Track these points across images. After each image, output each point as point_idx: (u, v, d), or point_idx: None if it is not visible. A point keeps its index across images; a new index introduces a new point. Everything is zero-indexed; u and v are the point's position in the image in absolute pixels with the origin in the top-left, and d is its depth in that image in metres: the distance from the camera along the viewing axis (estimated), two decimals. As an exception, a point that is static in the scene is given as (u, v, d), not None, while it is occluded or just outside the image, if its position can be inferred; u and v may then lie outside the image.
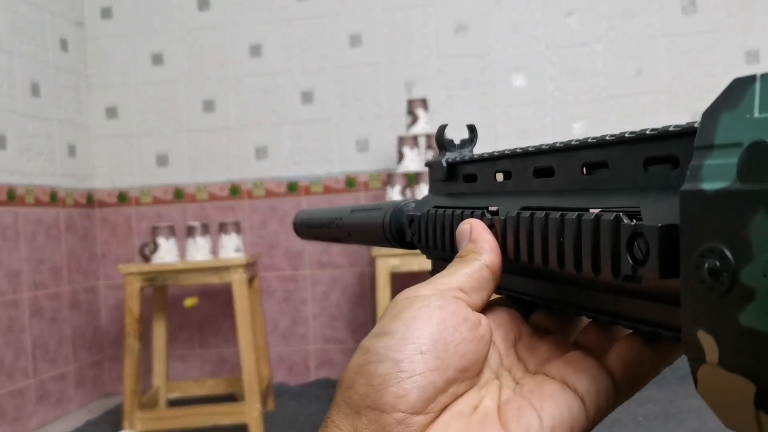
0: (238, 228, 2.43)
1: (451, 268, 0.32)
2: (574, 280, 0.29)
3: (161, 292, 2.62)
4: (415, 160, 2.59)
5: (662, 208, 0.23)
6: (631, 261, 0.24)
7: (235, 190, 2.97)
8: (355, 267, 2.93)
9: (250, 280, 2.51)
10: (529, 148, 0.32)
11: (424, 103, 2.65)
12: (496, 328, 0.33)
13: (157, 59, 3.00)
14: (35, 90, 2.65)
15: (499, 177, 0.36)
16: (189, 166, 3.00)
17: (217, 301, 2.97)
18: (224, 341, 2.98)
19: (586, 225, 0.26)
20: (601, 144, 0.28)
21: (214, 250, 2.60)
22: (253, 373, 2.28)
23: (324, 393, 2.78)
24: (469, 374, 0.29)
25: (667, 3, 2.76)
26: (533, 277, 0.33)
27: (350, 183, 2.92)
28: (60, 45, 2.83)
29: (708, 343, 0.20)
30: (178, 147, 3.00)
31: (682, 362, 0.28)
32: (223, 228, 2.43)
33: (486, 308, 0.33)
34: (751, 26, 2.69)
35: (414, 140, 2.61)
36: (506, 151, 0.34)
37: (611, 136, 0.27)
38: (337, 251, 2.93)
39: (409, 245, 0.46)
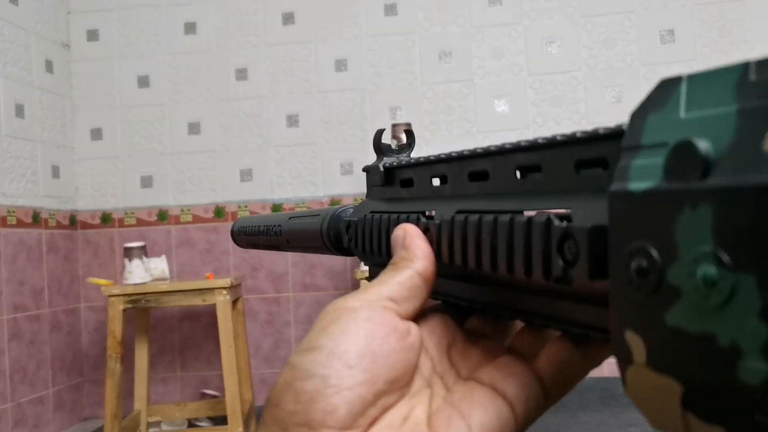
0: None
1: (382, 277, 0.31)
2: (507, 283, 0.29)
3: (144, 314, 2.60)
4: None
5: (592, 209, 0.23)
6: (561, 262, 0.24)
7: (219, 212, 2.97)
8: (339, 290, 2.93)
9: (234, 303, 2.50)
10: (464, 152, 0.32)
11: (408, 127, 2.68)
12: (429, 334, 0.32)
13: (143, 82, 3.01)
14: (19, 111, 2.64)
15: (436, 181, 0.36)
16: (173, 187, 3.00)
17: (199, 324, 2.95)
18: (206, 364, 2.95)
19: (519, 227, 0.26)
20: (533, 147, 0.28)
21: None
22: (236, 396, 2.26)
23: (307, 417, 2.76)
24: (399, 385, 0.29)
25: (646, 32, 2.83)
26: (468, 281, 0.32)
27: (334, 206, 2.93)
28: (45, 66, 2.83)
29: (636, 343, 0.20)
30: (162, 169, 3.00)
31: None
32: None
33: (420, 314, 0.32)
34: (728, 57, 2.77)
35: (398, 164, 2.63)
36: (442, 155, 0.34)
37: (543, 139, 0.27)
38: (321, 274, 2.93)
39: (346, 252, 0.45)
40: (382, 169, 0.41)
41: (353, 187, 2.94)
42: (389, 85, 2.95)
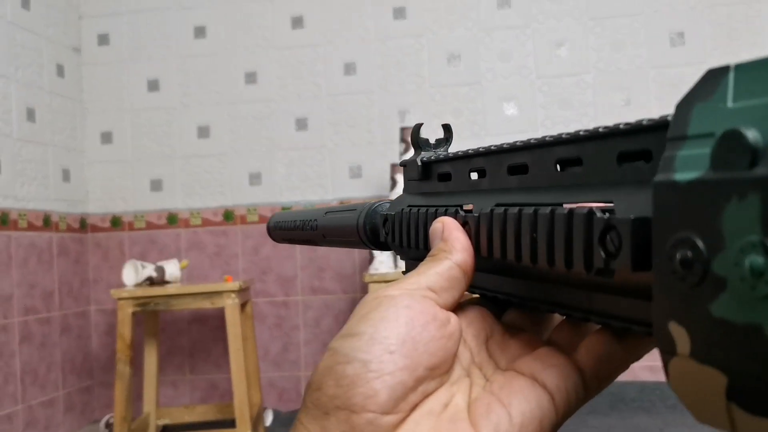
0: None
1: (421, 268, 0.31)
2: (546, 276, 0.29)
3: (153, 317, 2.61)
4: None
5: (635, 201, 0.23)
6: (603, 254, 0.24)
7: (228, 216, 2.98)
8: (348, 293, 2.93)
9: (243, 306, 2.51)
10: (504, 146, 0.32)
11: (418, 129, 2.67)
12: (468, 326, 0.32)
13: (152, 85, 3.03)
14: (30, 115, 2.66)
15: (474, 176, 0.36)
16: (183, 191, 3.01)
17: (208, 327, 2.96)
18: (215, 367, 2.96)
19: (560, 219, 0.26)
20: (574, 140, 0.28)
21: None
22: (244, 399, 2.27)
23: (315, 420, 2.76)
24: (439, 372, 0.29)
25: (655, 35, 2.82)
26: (506, 275, 0.32)
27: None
28: (56, 71, 2.85)
29: (680, 335, 0.20)
30: (172, 172, 3.02)
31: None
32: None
33: (458, 307, 0.33)
34: (738, 59, 2.75)
35: (407, 167, 2.63)
36: (480, 149, 0.34)
37: (585, 131, 0.27)
38: (329, 277, 2.93)
39: (383, 246, 0.45)
40: (419, 163, 0.41)
41: (362, 191, 2.94)
42: (398, 88, 2.95)
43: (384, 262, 2.49)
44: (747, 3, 2.76)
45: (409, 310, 0.29)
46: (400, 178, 2.61)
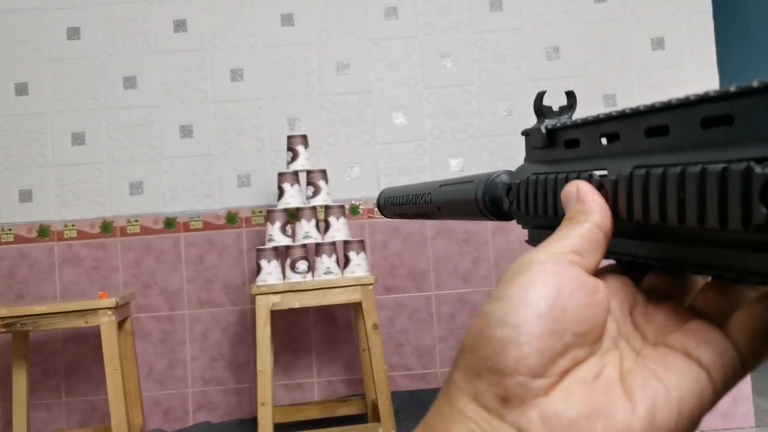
0: None
1: (561, 231, 0.31)
2: (694, 237, 0.28)
3: (22, 338, 2.43)
4: (295, 196, 2.58)
5: None
6: (765, 210, 0.23)
7: (107, 228, 2.83)
8: (237, 305, 2.86)
9: (122, 323, 2.38)
10: (640, 107, 0.31)
11: (304, 139, 2.65)
12: (612, 295, 0.32)
13: (21, 89, 2.83)
14: None
15: (604, 141, 0.35)
16: (56, 202, 2.83)
17: (86, 346, 2.79)
18: (94, 388, 2.80)
19: (712, 177, 0.25)
20: (725, 96, 0.26)
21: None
22: (122, 421, 2.15)
23: (203, 438, 2.66)
24: (588, 340, 0.29)
25: (533, 49, 2.94)
26: (646, 238, 0.32)
27: (231, 219, 2.86)
28: None
29: None
30: (43, 182, 2.83)
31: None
32: None
33: (598, 275, 0.32)
34: (609, 73, 2.92)
35: (294, 176, 2.60)
36: (613, 113, 0.33)
37: (736, 87, 0.26)
38: (218, 289, 2.85)
39: (504, 215, 0.46)
40: (544, 131, 0.40)
41: (251, 200, 2.88)
42: (287, 96, 2.91)
43: (272, 273, 2.45)
44: (617, 21, 2.94)
45: (557, 277, 0.29)
46: (287, 187, 2.57)
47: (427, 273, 2.90)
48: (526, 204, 0.40)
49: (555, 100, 0.45)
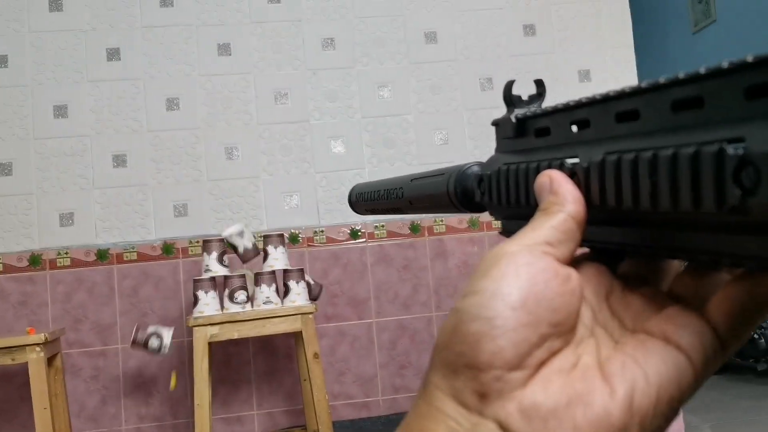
0: None
1: (534, 222, 0.31)
2: (667, 221, 0.28)
3: (-60, 380, 2.30)
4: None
5: None
6: (739, 192, 0.23)
7: (35, 261, 2.73)
8: (174, 338, 2.78)
9: (51, 359, 2.29)
10: (610, 93, 0.31)
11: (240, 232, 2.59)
12: (586, 283, 0.31)
13: (-57, 118, 2.72)
14: None
15: (574, 129, 0.35)
16: (-20, 234, 2.71)
17: (13, 385, 2.66)
18: (22, 429, 2.66)
19: (684, 159, 0.25)
20: (693, 78, 0.26)
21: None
22: (51, 464, 2.06)
23: (138, 478, 2.57)
24: (563, 329, 0.28)
25: (468, 80, 3.03)
26: (621, 224, 0.31)
27: (167, 250, 2.81)
28: None
29: None
30: (-34, 214, 2.71)
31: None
32: None
33: (573, 263, 0.32)
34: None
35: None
36: (583, 100, 0.33)
37: (706, 69, 0.26)
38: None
39: (476, 207, 0.45)
40: (514, 120, 0.40)
41: (188, 230, 2.83)
42: (224, 125, 2.90)
43: (209, 304, 2.41)
44: (546, 53, 3.07)
45: (529, 267, 0.28)
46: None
47: (368, 300, 2.90)
48: (498, 195, 0.40)
49: (491, 130, 0.47)
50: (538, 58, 3.06)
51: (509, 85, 0.41)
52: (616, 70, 3.09)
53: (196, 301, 2.42)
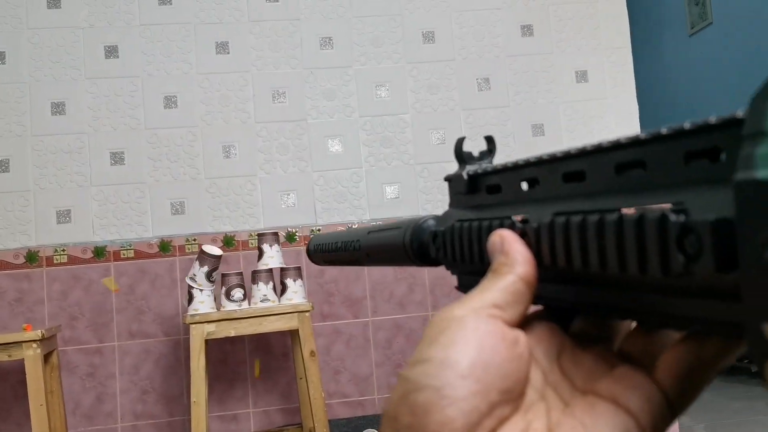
0: None
1: (484, 284, 0.30)
2: (617, 282, 0.28)
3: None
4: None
5: (709, 201, 0.23)
6: (683, 258, 0.23)
7: (32, 258, 2.73)
8: (170, 336, 2.79)
9: (47, 356, 2.29)
10: (557, 154, 0.32)
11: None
12: (537, 343, 0.31)
13: (-60, 114, 2.72)
14: None
15: (524, 186, 0.35)
16: (-24, 231, 2.71)
17: (8, 382, 2.66)
18: (17, 427, 2.66)
19: (629, 225, 0.25)
20: (636, 143, 0.27)
21: None
22: (47, 460, 2.06)
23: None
24: (513, 395, 0.28)
25: (465, 80, 3.04)
26: (572, 283, 0.31)
27: (164, 247, 2.81)
28: None
29: None
30: (-37, 211, 2.71)
31: None
32: None
33: (524, 323, 0.32)
34: (536, 103, 3.05)
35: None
36: (531, 159, 0.34)
37: (647, 133, 0.26)
38: (149, 320, 2.77)
39: (432, 262, 0.44)
40: (466, 177, 0.40)
41: (185, 228, 2.83)
42: (222, 123, 2.90)
43: (204, 302, 2.41)
44: (543, 54, 3.08)
45: (477, 332, 0.28)
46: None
47: (364, 299, 2.91)
48: (452, 251, 0.40)
49: (488, 130, 0.48)
50: (535, 59, 3.07)
51: (460, 142, 0.41)
52: (613, 71, 3.10)
53: (192, 298, 2.42)
